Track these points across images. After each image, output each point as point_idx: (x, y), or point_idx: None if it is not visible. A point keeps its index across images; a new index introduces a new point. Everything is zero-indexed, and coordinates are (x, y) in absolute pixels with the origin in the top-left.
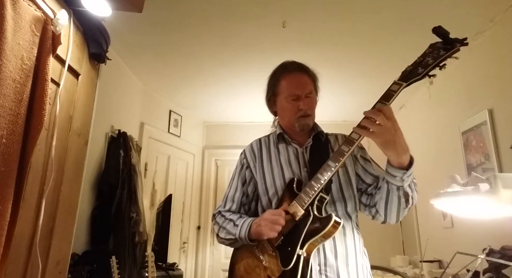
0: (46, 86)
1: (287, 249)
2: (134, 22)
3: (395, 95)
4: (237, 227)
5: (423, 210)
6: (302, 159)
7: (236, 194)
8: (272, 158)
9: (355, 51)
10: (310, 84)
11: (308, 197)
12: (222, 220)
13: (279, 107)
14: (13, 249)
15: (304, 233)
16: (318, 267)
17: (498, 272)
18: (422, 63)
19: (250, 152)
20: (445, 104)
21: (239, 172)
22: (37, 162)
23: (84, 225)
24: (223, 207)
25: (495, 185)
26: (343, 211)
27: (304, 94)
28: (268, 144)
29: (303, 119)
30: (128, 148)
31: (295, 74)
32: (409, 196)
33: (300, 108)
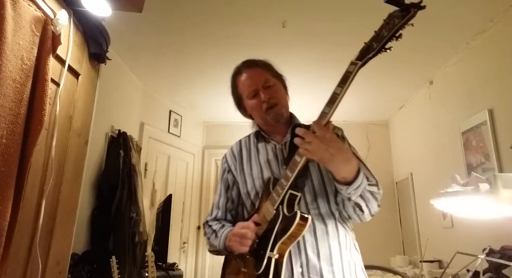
0: (46, 86)
1: (260, 252)
2: (134, 22)
3: (351, 76)
4: (217, 238)
5: (423, 210)
6: (281, 156)
7: (221, 200)
8: (252, 158)
9: (355, 51)
10: (263, 74)
11: (278, 196)
12: (208, 231)
13: (248, 109)
14: (13, 249)
15: (274, 234)
16: (300, 269)
17: (498, 272)
18: (378, 37)
19: (231, 155)
20: (445, 104)
21: (222, 177)
22: (37, 162)
23: (84, 225)
24: (210, 215)
25: (495, 185)
26: (326, 208)
27: (261, 85)
28: (248, 145)
29: (271, 110)
30: (128, 148)
31: (245, 72)
32: (362, 206)
33: (262, 101)
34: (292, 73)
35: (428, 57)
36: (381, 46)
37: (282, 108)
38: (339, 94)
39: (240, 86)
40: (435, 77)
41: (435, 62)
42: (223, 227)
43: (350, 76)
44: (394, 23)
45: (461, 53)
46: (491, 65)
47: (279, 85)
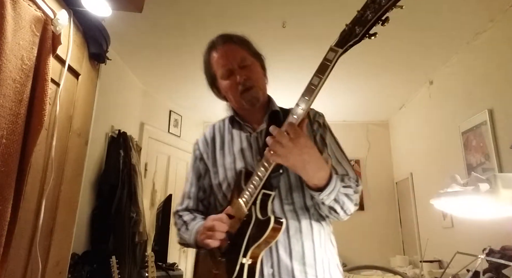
0: (46, 86)
1: (232, 256)
2: (134, 22)
3: (331, 65)
4: (188, 231)
5: (423, 210)
6: (256, 145)
7: (192, 189)
8: (225, 146)
9: (355, 51)
10: (240, 51)
11: (250, 195)
12: (179, 222)
13: (222, 90)
14: (13, 249)
15: (246, 238)
16: (271, 269)
17: (498, 272)
18: (362, 20)
19: (203, 142)
20: (445, 104)
21: (193, 165)
22: (37, 162)
23: (84, 225)
24: (181, 205)
25: (495, 185)
26: (301, 204)
27: (236, 64)
28: (222, 131)
29: (246, 93)
30: (128, 148)
31: (220, 48)
32: (336, 209)
33: (237, 82)
34: (292, 73)
35: (428, 57)
36: (365, 31)
37: (259, 91)
38: (317, 85)
39: (214, 64)
40: (435, 77)
41: (435, 62)
42: (194, 220)
43: (330, 65)
44: (380, 3)
45: (461, 53)
46: (491, 65)
47: (257, 65)
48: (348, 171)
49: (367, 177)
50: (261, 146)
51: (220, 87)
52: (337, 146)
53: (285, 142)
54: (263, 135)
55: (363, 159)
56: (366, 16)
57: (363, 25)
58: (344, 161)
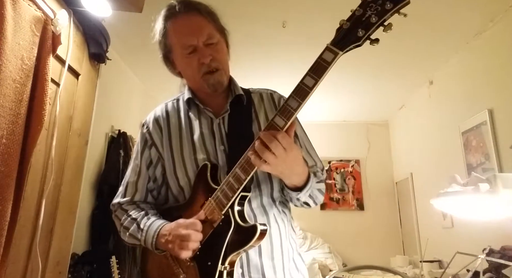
0: (46, 86)
1: (207, 263)
2: (134, 22)
3: (329, 67)
4: (142, 231)
5: (423, 210)
6: (218, 133)
7: (140, 180)
8: (183, 132)
9: (355, 51)
10: (207, 26)
11: (227, 199)
12: (124, 218)
13: (178, 66)
14: (13, 249)
15: (224, 245)
16: (240, 269)
17: (498, 272)
18: (363, 21)
19: (155, 126)
20: (445, 104)
21: (142, 151)
22: (37, 162)
23: (84, 225)
24: (123, 197)
25: (495, 185)
26: (268, 196)
27: (201, 42)
28: (177, 111)
29: (210, 76)
30: (128, 148)
31: (183, 18)
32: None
33: (201, 62)
34: (292, 73)
35: (428, 57)
36: (369, 35)
37: (223, 76)
38: (311, 87)
39: (174, 34)
40: (435, 77)
41: (435, 62)
42: (147, 217)
43: (328, 67)
44: (384, 8)
45: (461, 53)
46: (491, 65)
47: (223, 43)
48: (316, 161)
49: (367, 177)
50: (224, 134)
51: (175, 61)
52: (305, 136)
53: (278, 153)
54: (226, 121)
55: (363, 159)
56: (368, 17)
57: (366, 29)
58: (312, 151)
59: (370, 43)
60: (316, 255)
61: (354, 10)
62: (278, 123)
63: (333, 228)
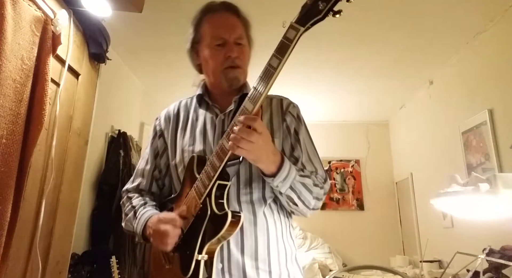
0: (46, 86)
1: (186, 252)
2: (134, 22)
3: (291, 45)
4: (136, 219)
5: (423, 210)
6: (220, 128)
7: (147, 167)
8: (188, 126)
9: (355, 51)
10: (241, 28)
11: (204, 187)
12: (127, 205)
13: (202, 57)
14: (13, 249)
15: (201, 234)
16: (220, 264)
17: (498, 272)
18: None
19: (166, 118)
20: (445, 104)
21: (151, 141)
22: (37, 162)
23: (84, 225)
24: (131, 183)
25: (495, 185)
26: (259, 194)
27: (233, 38)
28: (188, 108)
29: (231, 70)
30: (128, 148)
31: (221, 14)
32: (293, 199)
33: (227, 56)
34: (292, 73)
35: (428, 57)
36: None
37: (242, 74)
38: (276, 67)
39: (208, 25)
40: (435, 77)
41: (435, 62)
42: (144, 206)
43: (291, 45)
44: None
45: (461, 53)
46: (491, 65)
47: (248, 49)
48: (317, 169)
49: (367, 177)
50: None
51: (200, 52)
52: (310, 142)
53: (254, 139)
54: (229, 117)
55: (363, 159)
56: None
57: (327, 1)
58: (315, 158)
59: (332, 15)
60: (316, 255)
61: None
62: (247, 107)
63: (333, 228)
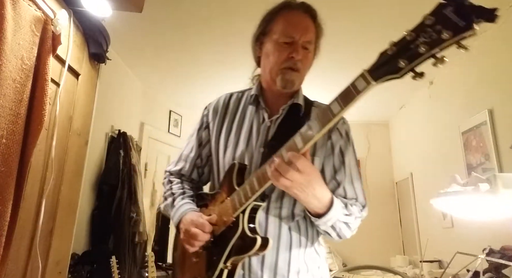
0: (46, 86)
1: (213, 257)
2: (134, 22)
3: (357, 97)
4: (174, 208)
5: (423, 210)
6: (264, 135)
7: (191, 154)
8: (235, 122)
9: (355, 51)
10: (312, 33)
11: (239, 204)
12: (167, 187)
13: (264, 51)
14: (13, 249)
15: (229, 247)
16: (242, 271)
17: (498, 272)
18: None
19: (214, 110)
20: (445, 104)
21: (198, 130)
22: (37, 162)
23: (84, 225)
24: (174, 166)
25: (495, 185)
26: (289, 210)
27: (302, 40)
28: (238, 102)
29: (289, 72)
30: (128, 148)
31: (298, 13)
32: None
33: (290, 56)
34: None
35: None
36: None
37: (299, 79)
38: (335, 114)
39: (281, 21)
40: (435, 77)
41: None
42: (182, 196)
43: (357, 96)
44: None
45: (461, 53)
46: (491, 65)
47: (312, 57)
48: (358, 195)
49: (367, 177)
50: (269, 138)
51: (264, 45)
52: (355, 165)
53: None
54: (275, 126)
55: (363, 159)
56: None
57: (410, 60)
58: (357, 183)
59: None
60: None
61: (406, 34)
62: (297, 144)
63: None
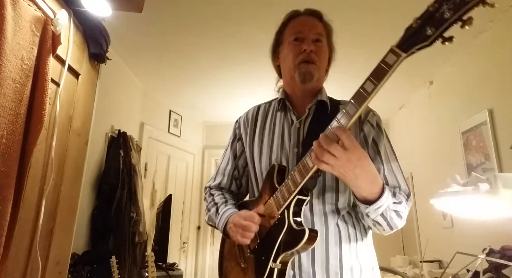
0: (46, 86)
1: (261, 257)
2: (134, 22)
3: (390, 71)
4: (218, 216)
5: (423, 210)
6: (296, 135)
7: (228, 167)
8: (266, 130)
9: (355, 51)
10: (321, 28)
11: (283, 200)
12: (209, 200)
13: (281, 58)
14: (13, 249)
15: (277, 244)
16: (292, 271)
17: (498, 272)
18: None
19: (245, 121)
20: (445, 104)
21: (231, 143)
22: (37, 162)
23: (84, 225)
24: (213, 181)
25: (495, 185)
26: (332, 206)
27: (311, 34)
28: (266, 112)
29: (305, 65)
30: (128, 148)
31: (304, 16)
32: (382, 225)
33: (303, 49)
34: None
35: (428, 57)
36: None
37: (316, 71)
38: (370, 92)
39: (289, 27)
40: (435, 77)
41: (435, 62)
42: (225, 204)
43: (389, 71)
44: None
45: (461, 53)
46: (491, 65)
47: (327, 50)
48: (400, 183)
49: None
50: (301, 138)
51: (281, 51)
52: (392, 153)
53: (338, 154)
54: (306, 126)
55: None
56: (442, 13)
57: (437, 26)
58: (397, 171)
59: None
60: None
61: (429, 6)
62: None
63: None
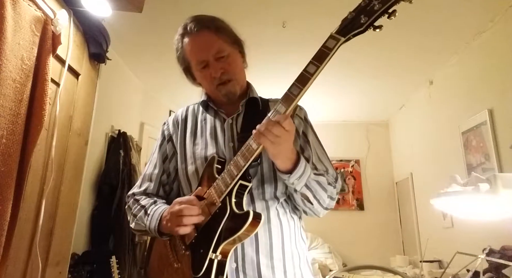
0: (46, 86)
1: (200, 250)
2: (134, 22)
3: (330, 54)
4: (148, 216)
5: (423, 210)
6: (229, 132)
7: (155, 171)
8: (198, 129)
9: (355, 51)
10: (217, 41)
11: (225, 186)
12: (134, 206)
13: (198, 79)
14: (13, 249)
15: (218, 232)
16: (234, 264)
17: (498, 272)
18: (367, 9)
19: (174, 123)
20: (445, 104)
21: (160, 145)
22: (37, 162)
23: (84, 225)
24: (138, 188)
25: (495, 185)
26: (271, 194)
27: (212, 56)
28: (196, 113)
29: (222, 87)
30: (128, 148)
31: (194, 36)
32: (309, 197)
33: (212, 77)
34: (292, 73)
35: (428, 57)
36: (371, 22)
37: (236, 86)
38: (312, 73)
39: (188, 52)
40: (435, 77)
41: (435, 62)
42: (155, 204)
43: (330, 53)
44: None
45: (461, 53)
46: (491, 65)
47: (235, 55)
48: (328, 168)
49: (367, 177)
50: (235, 133)
51: (195, 75)
52: (318, 143)
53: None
54: (238, 121)
55: (363, 159)
56: (373, 5)
57: (369, 15)
58: (324, 158)
59: (373, 29)
60: (316, 255)
61: (361, 1)
62: (280, 110)
63: (333, 228)
